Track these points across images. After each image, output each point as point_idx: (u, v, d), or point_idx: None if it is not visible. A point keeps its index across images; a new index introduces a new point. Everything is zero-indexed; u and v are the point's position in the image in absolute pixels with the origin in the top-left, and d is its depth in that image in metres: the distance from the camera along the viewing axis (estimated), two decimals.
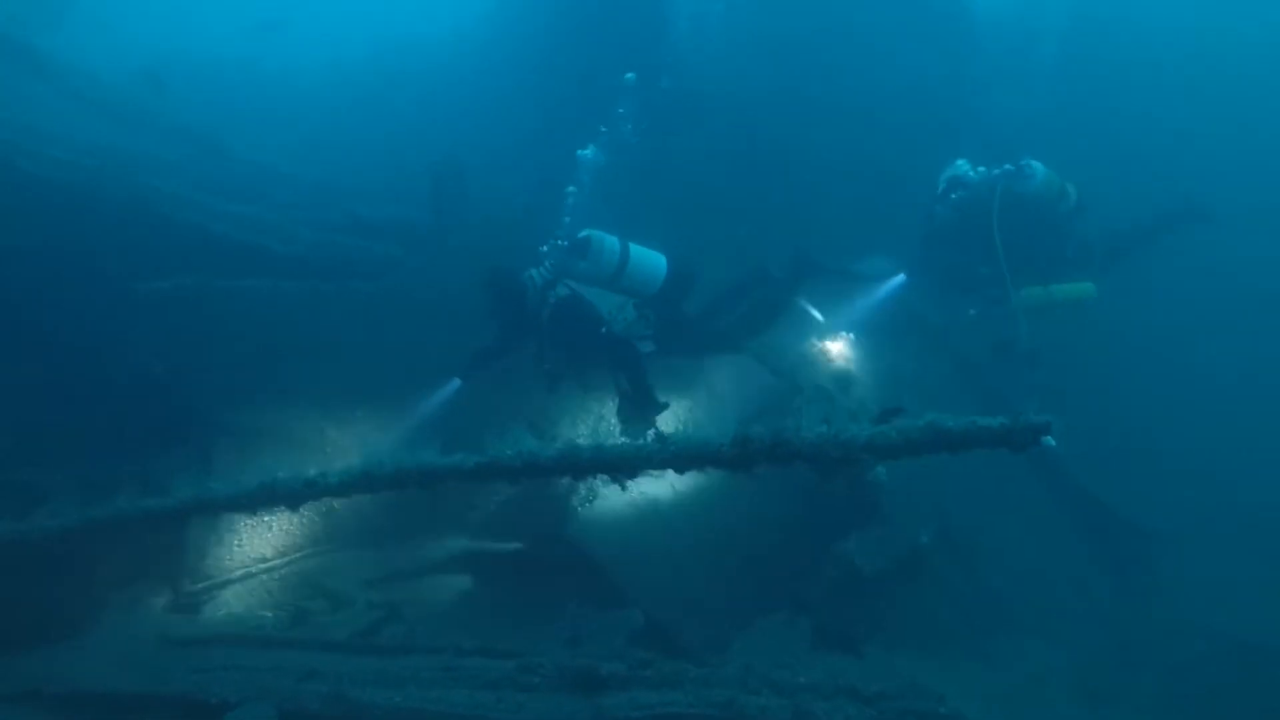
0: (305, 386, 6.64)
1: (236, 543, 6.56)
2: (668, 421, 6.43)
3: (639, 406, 6.10)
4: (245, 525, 6.52)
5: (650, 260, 6.32)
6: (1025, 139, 8.26)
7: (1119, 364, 9.81)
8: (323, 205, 8.97)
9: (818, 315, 7.72)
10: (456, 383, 6.41)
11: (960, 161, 7.92)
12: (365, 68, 13.92)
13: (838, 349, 7.61)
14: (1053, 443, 3.28)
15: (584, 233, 6.25)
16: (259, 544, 6.72)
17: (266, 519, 6.41)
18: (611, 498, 6.59)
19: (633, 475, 3.63)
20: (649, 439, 3.61)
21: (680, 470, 3.57)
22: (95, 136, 8.05)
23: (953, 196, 7.70)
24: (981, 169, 7.68)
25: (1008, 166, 7.52)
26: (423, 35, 14.02)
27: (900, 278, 8.14)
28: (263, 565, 6.71)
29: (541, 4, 11.15)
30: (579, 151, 8.50)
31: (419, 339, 6.65)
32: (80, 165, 6.47)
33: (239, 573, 6.52)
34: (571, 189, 8.06)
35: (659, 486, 6.83)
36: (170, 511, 4.20)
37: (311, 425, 6.60)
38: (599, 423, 7.17)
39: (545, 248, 6.32)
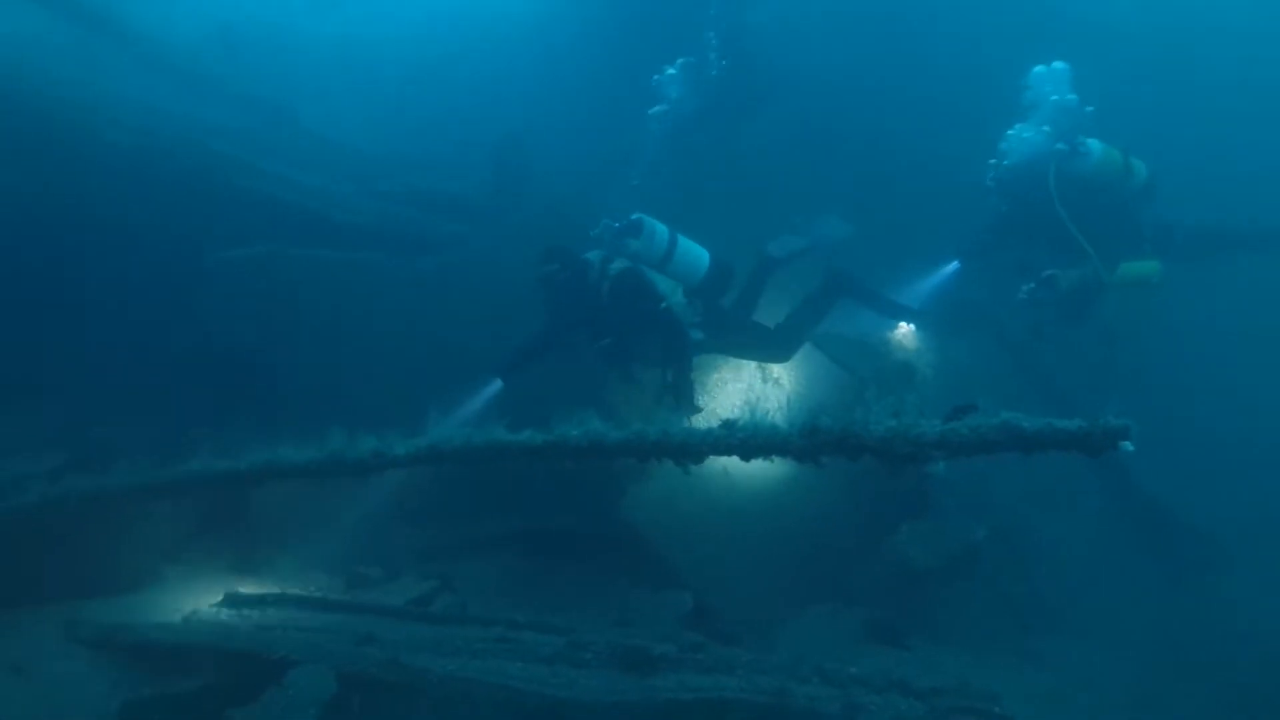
0: (366, 357, 6.74)
1: (297, 506, 6.71)
2: (733, 408, 6.41)
3: (678, 398, 6.05)
4: (305, 490, 6.66)
5: (694, 251, 6.39)
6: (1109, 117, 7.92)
7: (1191, 355, 9.45)
8: (386, 177, 9.09)
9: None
10: (497, 384, 6.24)
11: (1041, 68, 7.47)
12: (429, 38, 13.96)
13: (899, 339, 7.50)
14: (1131, 448, 3.19)
15: (635, 215, 6.28)
16: (318, 509, 6.87)
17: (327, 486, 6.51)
18: (665, 478, 6.59)
19: (698, 461, 3.63)
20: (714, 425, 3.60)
21: (746, 458, 3.55)
22: (170, 104, 8.24)
23: (991, 178, 7.34)
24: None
25: (1060, 145, 7.16)
26: (488, 5, 13.99)
27: (954, 264, 7.93)
28: (320, 531, 6.87)
29: None
30: (656, 77, 8.44)
31: (479, 315, 6.71)
32: (159, 133, 6.62)
33: (298, 536, 6.68)
34: (657, 108, 7.99)
35: (712, 469, 6.83)
36: (237, 476, 4.31)
37: (371, 396, 6.67)
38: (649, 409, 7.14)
39: (596, 231, 6.30)
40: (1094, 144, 7.17)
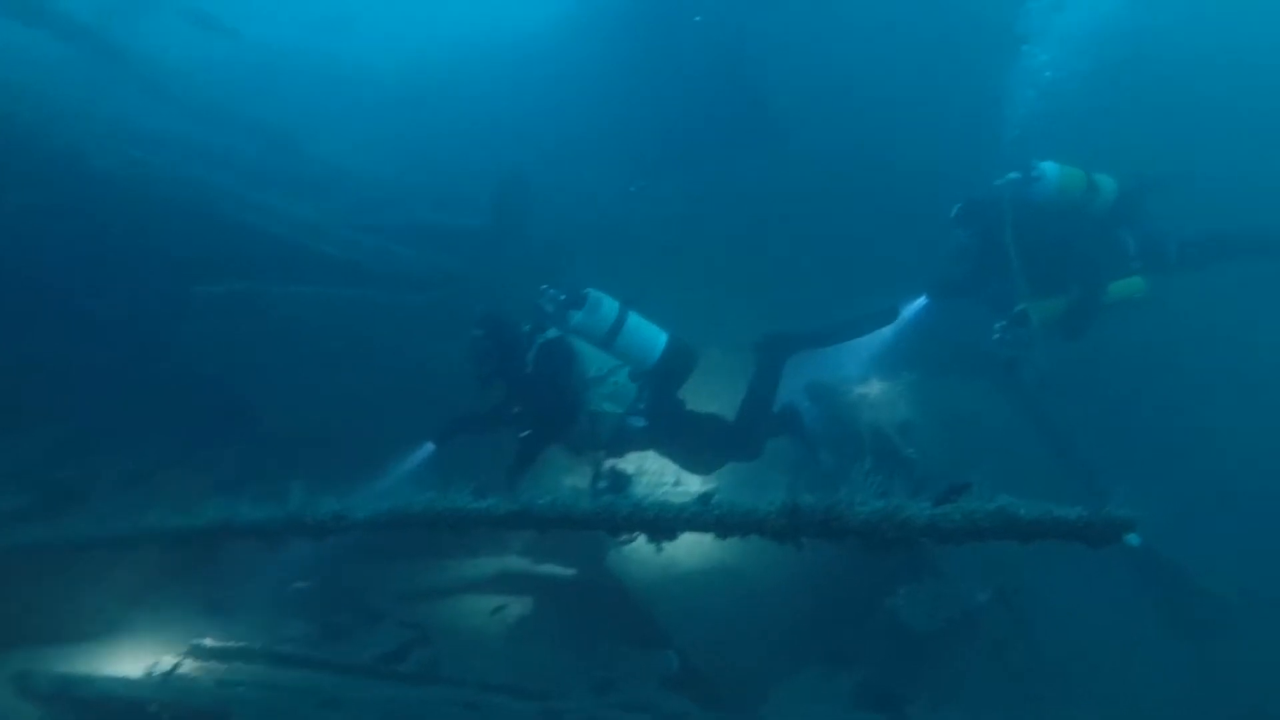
0: (350, 395, 6.57)
1: (274, 548, 6.51)
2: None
3: (512, 473, 5.39)
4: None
5: (647, 332, 5.92)
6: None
7: (1191, 395, 9.10)
8: (387, 207, 8.97)
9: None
10: (430, 447, 5.87)
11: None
12: (442, 66, 13.92)
13: (894, 390, 7.24)
14: (1137, 542, 2.98)
15: (587, 289, 5.90)
16: (297, 549, 6.68)
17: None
18: None
19: (671, 537, 3.41)
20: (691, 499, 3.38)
21: (723, 536, 3.33)
22: (169, 130, 8.16)
23: (955, 212, 7.01)
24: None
25: (1012, 174, 6.85)
26: (501, 36, 13.97)
27: (922, 300, 7.43)
28: (298, 573, 6.66)
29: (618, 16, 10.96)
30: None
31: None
32: (148, 162, 6.50)
33: (273, 579, 6.47)
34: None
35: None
36: (194, 533, 4.13)
37: (353, 435, 6.49)
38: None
39: (541, 300, 5.90)
40: (1049, 166, 6.86)
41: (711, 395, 6.32)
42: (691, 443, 6.08)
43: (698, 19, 9.31)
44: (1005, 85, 8.47)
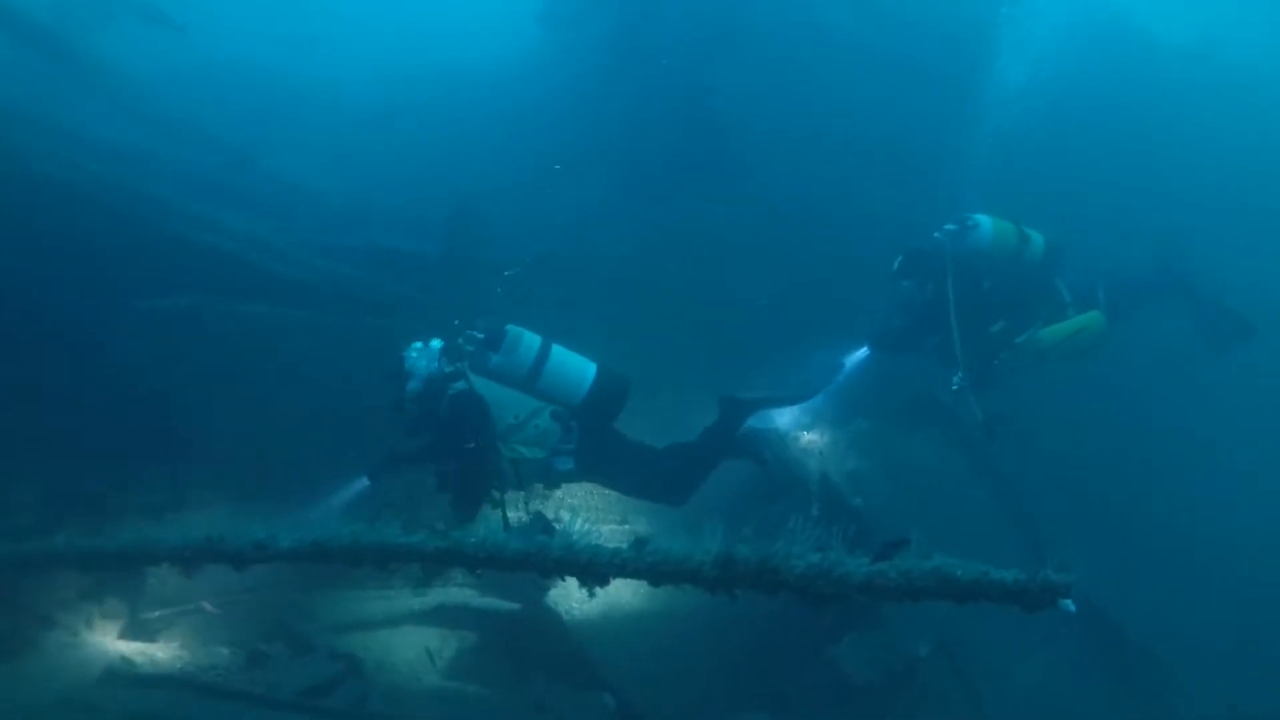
0: (291, 417, 6.39)
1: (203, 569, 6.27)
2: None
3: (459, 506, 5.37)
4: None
5: (572, 366, 5.70)
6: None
7: (1133, 453, 9.22)
8: (343, 229, 8.83)
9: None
10: (364, 482, 5.70)
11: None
12: (409, 90, 13.86)
13: (843, 438, 7.23)
14: (1072, 608, 2.96)
15: (507, 326, 5.74)
16: (227, 572, 6.44)
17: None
18: None
19: (603, 583, 3.32)
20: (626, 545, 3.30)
21: (655, 584, 3.25)
22: (122, 140, 7.98)
23: (897, 266, 7.20)
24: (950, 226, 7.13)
25: (949, 226, 7.07)
26: (468, 63, 13.97)
27: (863, 351, 7.52)
28: (227, 596, 6.41)
29: (586, 52, 11.00)
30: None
31: None
32: (92, 171, 6.31)
33: (201, 602, 6.23)
34: None
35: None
36: (107, 556, 3.95)
37: (289, 461, 6.31)
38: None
39: (460, 339, 5.76)
40: (982, 218, 7.11)
41: (656, 437, 6.23)
42: (626, 481, 5.94)
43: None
44: (967, 130, 8.74)
